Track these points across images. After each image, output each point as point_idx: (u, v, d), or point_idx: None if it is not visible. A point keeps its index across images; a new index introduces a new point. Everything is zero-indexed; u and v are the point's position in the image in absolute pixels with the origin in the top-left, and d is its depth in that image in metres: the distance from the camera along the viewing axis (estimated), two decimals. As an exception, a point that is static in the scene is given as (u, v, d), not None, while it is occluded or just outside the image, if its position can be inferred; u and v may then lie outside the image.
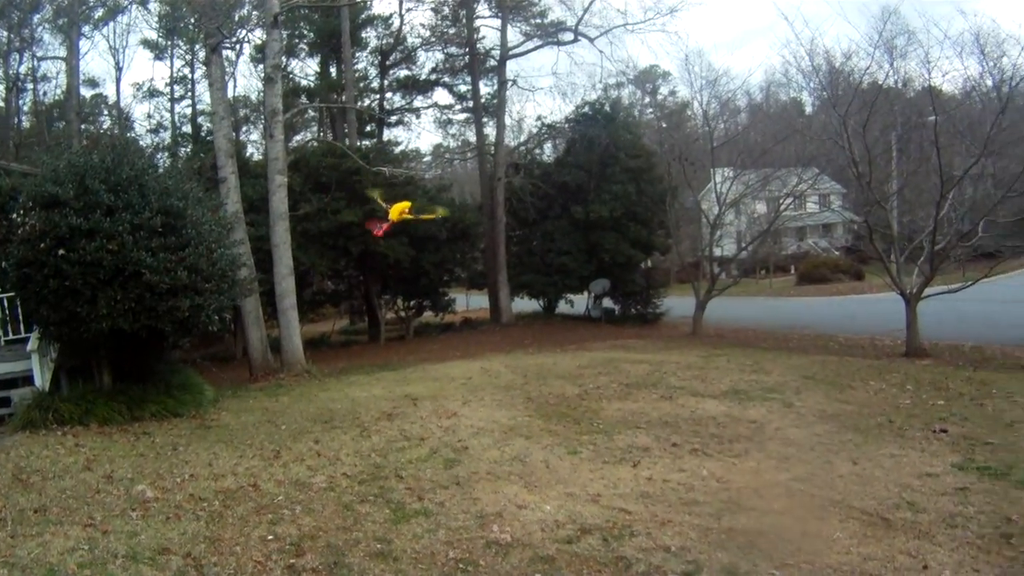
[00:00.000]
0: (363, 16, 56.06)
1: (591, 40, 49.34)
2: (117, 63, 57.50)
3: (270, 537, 11.73)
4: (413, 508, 12.93)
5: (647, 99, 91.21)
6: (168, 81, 60.23)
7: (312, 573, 10.60)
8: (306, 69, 58.93)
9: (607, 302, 50.69)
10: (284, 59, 50.56)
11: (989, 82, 35.23)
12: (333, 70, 56.12)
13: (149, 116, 60.31)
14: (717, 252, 49.63)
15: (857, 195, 40.32)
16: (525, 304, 52.99)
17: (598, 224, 46.78)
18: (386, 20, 56.73)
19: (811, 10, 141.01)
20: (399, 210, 31.17)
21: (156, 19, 56.05)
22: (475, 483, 14.18)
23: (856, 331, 39.83)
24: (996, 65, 33.16)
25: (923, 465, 15.17)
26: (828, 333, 40.20)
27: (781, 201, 45.74)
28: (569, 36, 50.50)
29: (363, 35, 57.19)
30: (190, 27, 48.94)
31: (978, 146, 32.56)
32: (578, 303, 52.10)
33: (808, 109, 60.23)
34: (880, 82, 37.19)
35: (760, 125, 58.17)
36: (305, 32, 56.09)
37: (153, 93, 61.24)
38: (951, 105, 44.03)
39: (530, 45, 52.29)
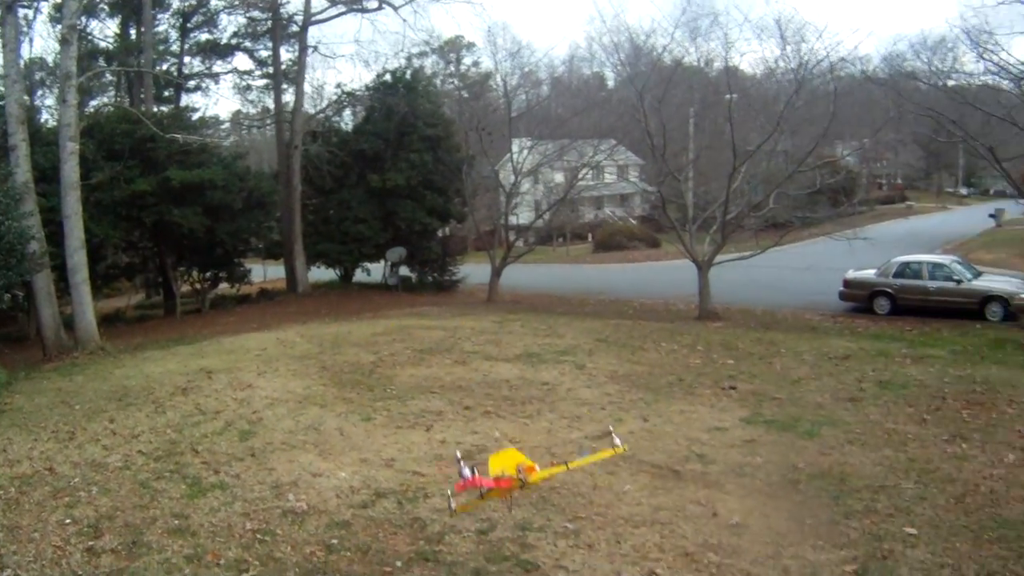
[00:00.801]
0: None
1: (395, 8, 48.99)
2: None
3: (68, 521, 11.65)
4: (209, 482, 12.97)
5: (451, 69, 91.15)
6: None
7: (111, 554, 10.56)
8: (105, 30, 55.93)
9: (404, 270, 50.65)
10: (83, 19, 48.46)
11: (784, 64, 36.55)
12: (133, 32, 53.73)
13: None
14: (514, 220, 50.20)
15: (653, 167, 41.24)
16: (322, 273, 52.55)
17: (395, 192, 46.67)
18: None
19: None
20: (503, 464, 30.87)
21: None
22: (270, 454, 14.28)
23: (651, 296, 41.01)
24: (796, 50, 34.46)
25: (712, 420, 16.04)
26: (623, 298, 41.24)
27: (578, 171, 46.46)
28: (374, 3, 49.89)
29: None
30: None
31: (772, 123, 33.94)
32: (375, 271, 51.98)
33: (610, 83, 61.21)
34: (682, 60, 38.28)
35: (562, 97, 58.99)
36: None
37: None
38: (749, 84, 45.58)
39: (334, 11, 51.25)
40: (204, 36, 55.84)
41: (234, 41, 55.34)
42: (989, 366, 21.05)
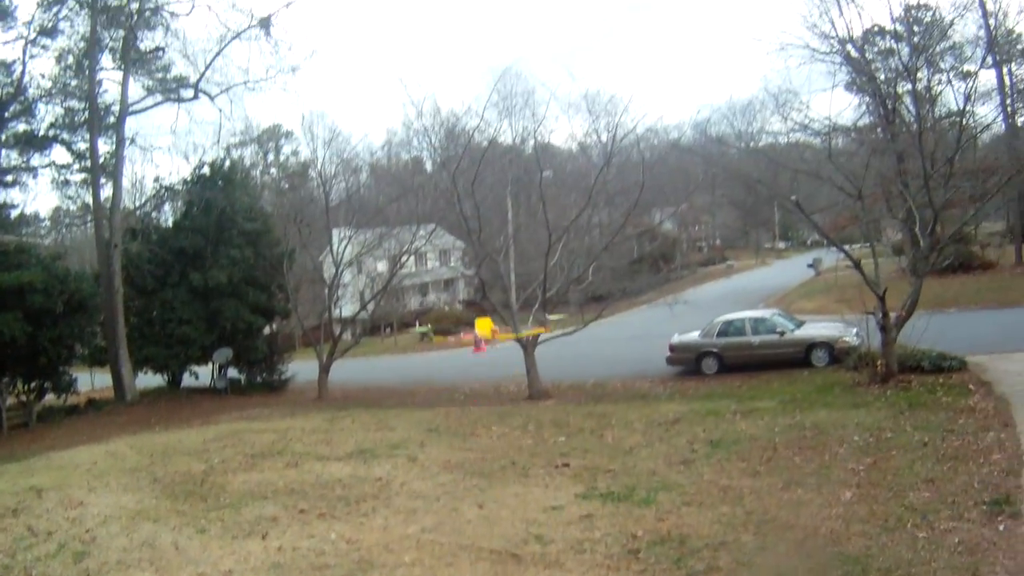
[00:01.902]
0: None
1: (212, 98, 48.61)
2: None
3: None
4: (42, 610, 12.45)
5: (270, 158, 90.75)
6: None
7: None
8: None
9: (232, 372, 49.66)
10: None
11: (594, 139, 37.47)
12: None
13: None
14: (339, 313, 49.89)
15: (472, 250, 41.57)
16: (150, 379, 50.77)
17: (217, 290, 45.90)
18: (7, 66, 53.24)
19: (428, 74, 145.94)
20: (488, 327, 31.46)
21: None
22: (106, 574, 13.80)
23: (481, 380, 40.92)
24: (605, 124, 35.35)
25: (548, 499, 16.04)
26: (454, 384, 41.08)
27: (399, 259, 46.53)
28: (190, 93, 49.37)
29: None
30: None
31: (585, 197, 34.63)
32: (203, 374, 50.80)
33: (428, 167, 61.62)
34: (495, 140, 38.79)
35: (382, 184, 59.20)
36: None
37: None
38: (564, 159, 46.48)
39: (151, 101, 50.49)
40: (21, 127, 54.23)
41: (52, 133, 53.42)
42: (818, 411, 21.79)
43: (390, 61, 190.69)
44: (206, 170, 50.64)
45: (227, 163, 52.67)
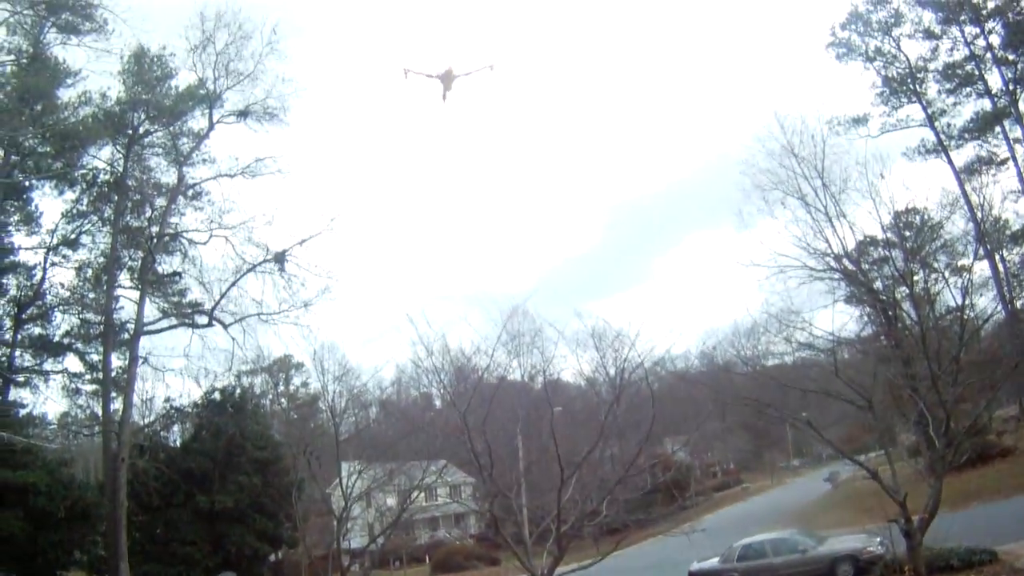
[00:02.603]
0: (7, 260, 52.81)
1: (225, 326, 49.32)
2: None
3: None
4: None
5: (281, 387, 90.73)
6: None
7: None
8: None
9: (236, 599, 48.44)
10: None
11: (602, 374, 37.28)
12: None
13: None
14: (349, 544, 48.95)
15: (483, 485, 40.95)
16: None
17: (223, 515, 45.57)
18: (29, 270, 53.70)
19: (437, 313, 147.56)
20: None
21: None
22: None
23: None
24: (612, 358, 35.23)
25: None
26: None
27: (410, 494, 45.92)
28: (204, 319, 50.11)
29: (3, 280, 52.94)
30: None
31: (596, 432, 34.22)
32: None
33: (438, 403, 61.45)
34: (505, 378, 38.64)
35: (391, 419, 58.92)
36: None
37: None
38: (573, 394, 46.21)
39: (165, 323, 51.32)
40: (37, 330, 54.48)
41: (66, 341, 53.93)
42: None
43: (401, 298, 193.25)
44: (217, 395, 51.13)
45: (238, 390, 53.12)
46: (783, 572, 32.60)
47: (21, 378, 54.09)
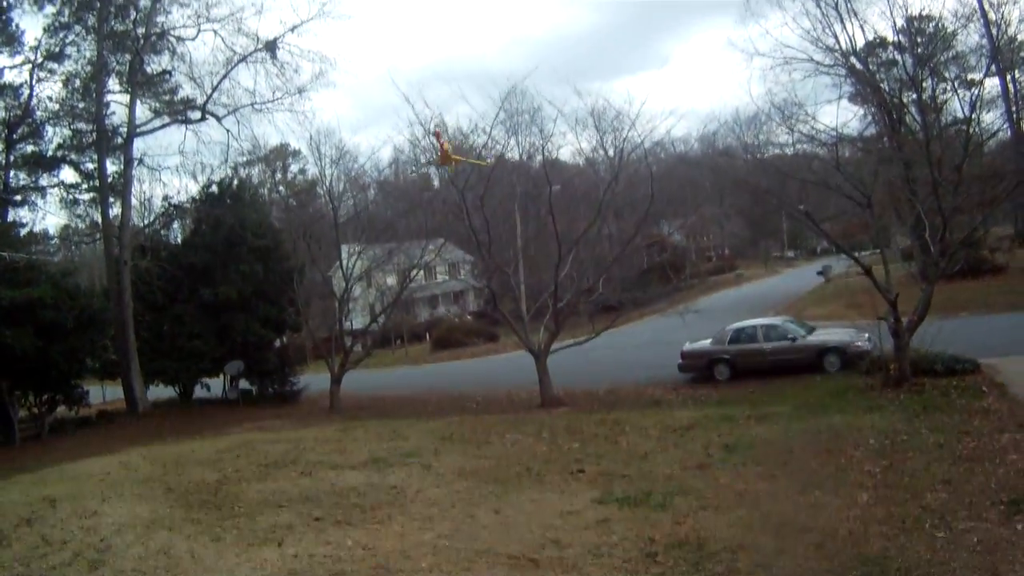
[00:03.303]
0: None
1: (219, 119, 48.98)
2: None
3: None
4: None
5: (278, 177, 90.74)
6: None
7: None
8: None
9: (243, 383, 49.71)
10: None
11: (602, 153, 37.49)
12: None
13: None
14: (350, 326, 49.93)
15: (482, 263, 41.56)
16: (162, 391, 50.95)
17: (227, 305, 45.97)
18: (15, 90, 53.28)
19: (434, 94, 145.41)
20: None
21: None
22: (121, 583, 13.74)
23: (493, 389, 40.73)
24: (612, 138, 35.41)
25: (564, 505, 15.96)
26: (466, 394, 40.87)
27: (409, 272, 46.60)
28: (197, 115, 49.75)
29: None
30: None
31: (593, 211, 34.66)
32: (215, 386, 50.80)
33: (436, 183, 61.64)
34: (505, 157, 38.86)
35: (389, 200, 59.28)
36: None
37: None
38: (572, 174, 46.38)
39: (158, 123, 50.73)
40: (30, 148, 54.30)
41: (60, 153, 53.52)
42: (832, 415, 21.68)
43: (397, 77, 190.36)
44: (214, 189, 50.90)
45: (235, 182, 52.91)
46: (772, 358, 33.24)
47: (18, 197, 54.14)
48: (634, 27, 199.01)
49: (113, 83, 50.92)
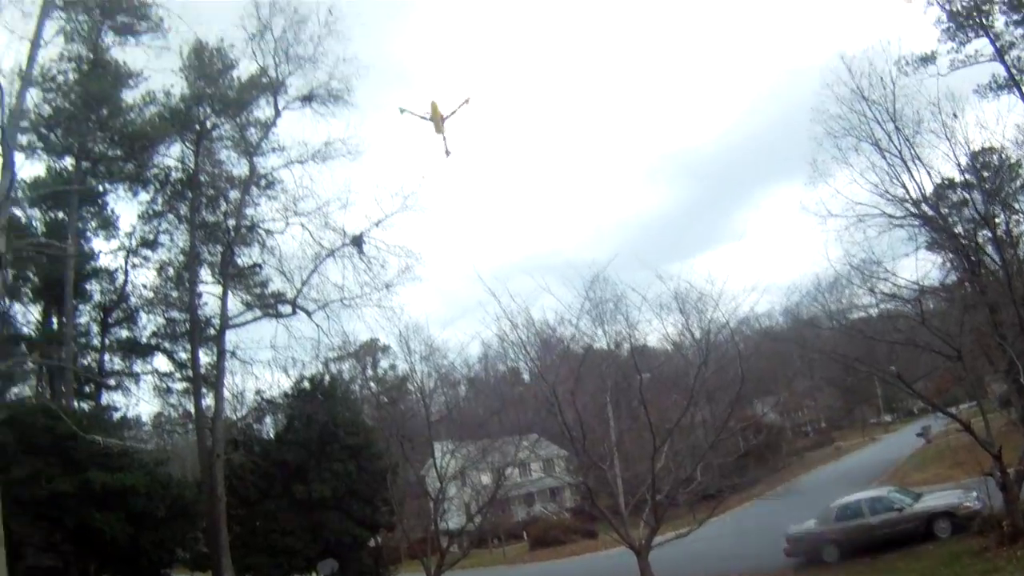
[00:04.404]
0: (88, 267, 54.10)
1: (309, 314, 49.37)
2: None
3: None
4: None
5: (369, 372, 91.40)
6: None
7: None
8: (28, 315, 55.38)
9: (337, 582, 49.17)
10: (5, 302, 48.38)
11: (688, 337, 37.25)
12: (55, 321, 52.99)
13: None
14: (445, 525, 49.31)
15: (576, 458, 41.11)
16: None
17: (321, 503, 46.12)
18: (111, 274, 54.65)
19: (518, 286, 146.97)
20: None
21: None
22: None
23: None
24: (697, 321, 35.25)
25: None
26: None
27: (504, 471, 46.21)
28: (288, 309, 50.39)
29: (87, 287, 54.44)
30: None
31: (686, 396, 34.22)
32: (307, 584, 50.43)
33: (526, 376, 61.68)
34: (591, 347, 38.73)
35: (481, 397, 59.36)
36: (31, 276, 52.49)
37: None
38: (661, 360, 45.99)
39: (250, 316, 51.67)
40: (124, 333, 55.58)
41: (153, 341, 54.77)
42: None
43: (481, 271, 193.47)
44: (306, 384, 51.60)
45: (327, 378, 53.62)
46: (881, 532, 32.19)
47: (112, 381, 55.17)
48: (709, 203, 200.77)
49: (205, 273, 52.44)
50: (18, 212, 49.32)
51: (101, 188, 53.28)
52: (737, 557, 38.41)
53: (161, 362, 56.71)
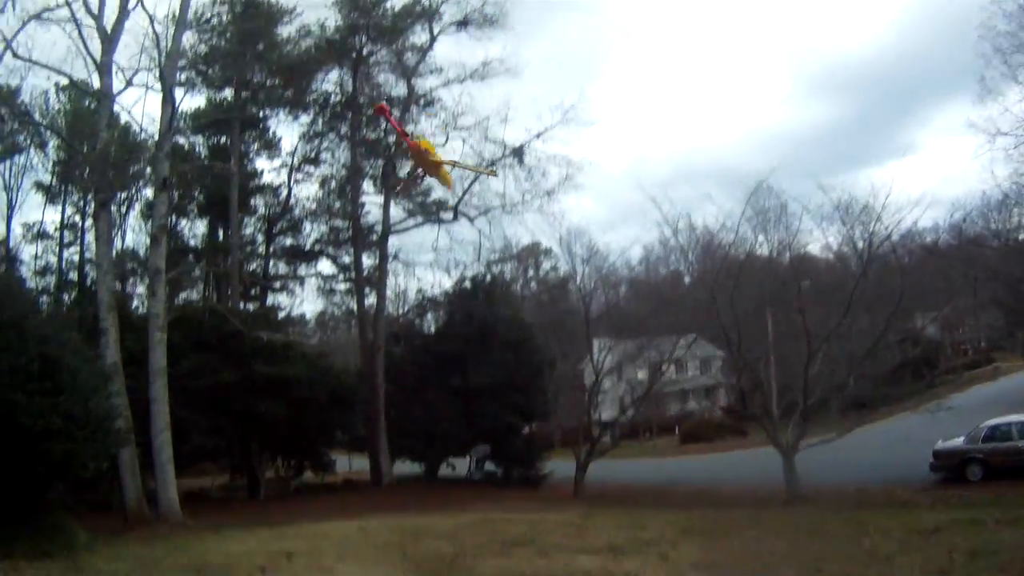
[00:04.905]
0: (252, 184, 57.10)
1: (471, 220, 51.40)
2: (9, 201, 55.37)
3: None
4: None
5: (530, 273, 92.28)
6: (58, 226, 58.23)
7: None
8: (195, 229, 59.13)
9: (489, 465, 50.93)
10: (173, 218, 51.38)
11: (849, 248, 37.01)
12: (221, 233, 56.40)
13: (36, 257, 58.27)
14: (599, 417, 50.20)
15: (732, 359, 41.38)
16: (407, 467, 52.84)
17: (478, 392, 47.21)
18: (275, 190, 57.88)
19: (678, 192, 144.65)
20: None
21: (52, 164, 55.29)
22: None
23: (739, 485, 40.20)
24: (859, 232, 34.98)
25: (797, 604, 15.54)
26: (710, 488, 40.44)
27: (660, 367, 46.74)
28: (449, 215, 52.29)
29: (252, 202, 57.90)
30: (83, 177, 48.01)
31: (843, 307, 34.16)
32: (460, 466, 52.06)
33: (686, 279, 61.75)
34: (754, 253, 38.79)
35: (641, 297, 59.66)
36: (196, 194, 56.39)
37: (42, 235, 58.69)
38: (819, 269, 45.68)
39: (411, 222, 53.81)
40: (288, 241, 58.59)
41: (317, 247, 57.74)
42: (1088, 522, 20.43)
43: (642, 177, 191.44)
44: (467, 284, 52.85)
45: (488, 278, 54.70)
46: None
47: (277, 284, 58.53)
48: (874, 117, 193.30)
49: (367, 185, 54.43)
50: (182, 141, 52.41)
51: (261, 114, 55.31)
52: (882, 467, 38.17)
53: (325, 266, 59.06)
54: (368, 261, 54.74)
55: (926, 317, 51.23)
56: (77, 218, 56.20)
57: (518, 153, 49.90)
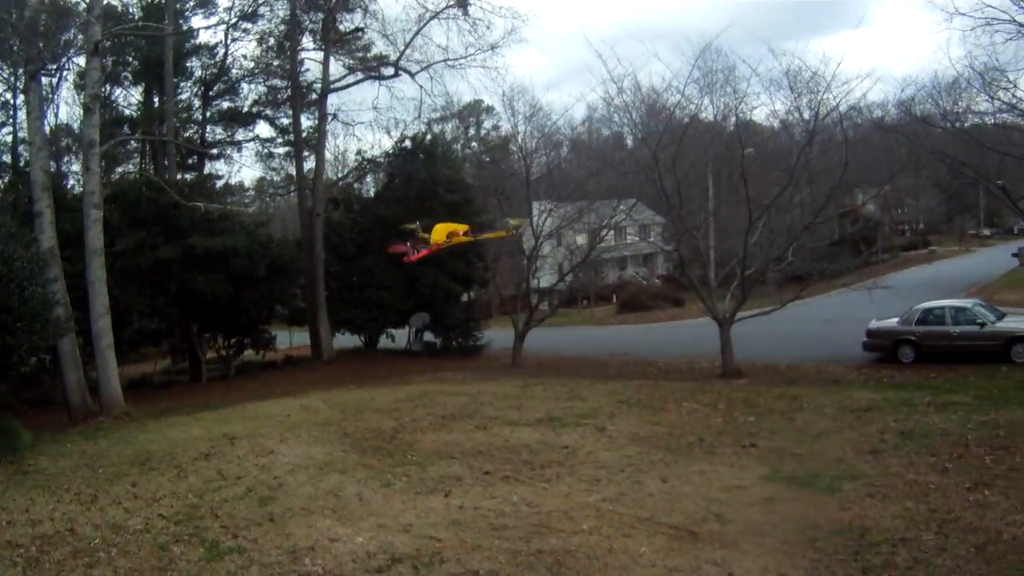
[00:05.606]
0: (188, 45, 55.27)
1: (412, 75, 49.90)
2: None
3: (88, 581, 11.73)
4: (227, 546, 12.99)
5: (471, 132, 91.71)
6: (-12, 106, 55.59)
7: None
8: (130, 98, 57.25)
9: (428, 336, 50.88)
10: (107, 87, 49.78)
11: (796, 116, 36.79)
12: (156, 100, 54.43)
13: (-34, 141, 56.00)
14: (538, 283, 50.29)
15: (671, 225, 41.31)
16: (347, 340, 52.75)
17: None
18: (211, 49, 55.88)
19: (626, 50, 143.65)
20: (446, 232, 30.64)
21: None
22: (289, 519, 14.27)
23: (675, 356, 40.63)
24: (807, 101, 34.70)
25: (732, 479, 15.94)
26: (647, 359, 40.87)
27: (599, 232, 46.63)
28: (390, 71, 50.87)
29: (188, 64, 56.14)
30: (13, 50, 46.39)
31: (786, 176, 34.09)
32: (399, 337, 52.12)
33: (629, 142, 61.51)
34: (696, 116, 38.44)
35: (582, 159, 59.36)
36: (130, 60, 54.57)
37: (-30, 116, 55.46)
38: (765, 137, 45.50)
39: (352, 79, 52.44)
40: (226, 104, 57.06)
41: (255, 109, 56.42)
42: (1014, 409, 20.76)
43: (589, 34, 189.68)
44: (408, 144, 51.97)
45: (428, 137, 54.12)
46: (959, 343, 31.90)
47: (215, 151, 57.32)
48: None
49: (307, 41, 52.62)
50: (115, 1, 50.75)
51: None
52: (817, 343, 38.72)
53: (263, 129, 58.23)
54: (307, 122, 53.85)
55: (868, 194, 51.67)
56: (9, 96, 54.05)
57: (462, 3, 48.43)
